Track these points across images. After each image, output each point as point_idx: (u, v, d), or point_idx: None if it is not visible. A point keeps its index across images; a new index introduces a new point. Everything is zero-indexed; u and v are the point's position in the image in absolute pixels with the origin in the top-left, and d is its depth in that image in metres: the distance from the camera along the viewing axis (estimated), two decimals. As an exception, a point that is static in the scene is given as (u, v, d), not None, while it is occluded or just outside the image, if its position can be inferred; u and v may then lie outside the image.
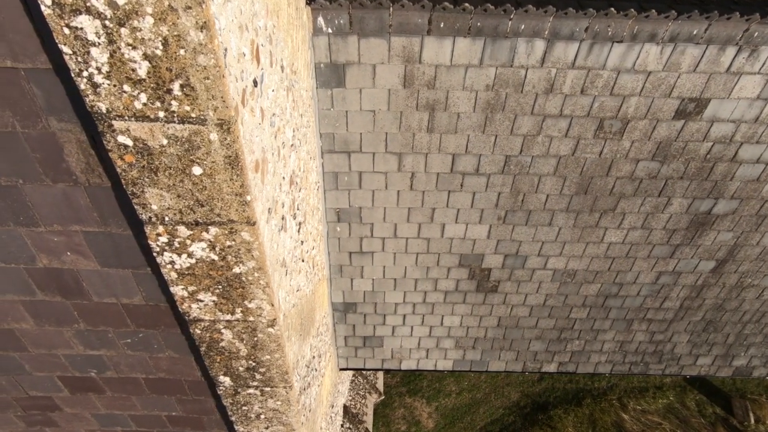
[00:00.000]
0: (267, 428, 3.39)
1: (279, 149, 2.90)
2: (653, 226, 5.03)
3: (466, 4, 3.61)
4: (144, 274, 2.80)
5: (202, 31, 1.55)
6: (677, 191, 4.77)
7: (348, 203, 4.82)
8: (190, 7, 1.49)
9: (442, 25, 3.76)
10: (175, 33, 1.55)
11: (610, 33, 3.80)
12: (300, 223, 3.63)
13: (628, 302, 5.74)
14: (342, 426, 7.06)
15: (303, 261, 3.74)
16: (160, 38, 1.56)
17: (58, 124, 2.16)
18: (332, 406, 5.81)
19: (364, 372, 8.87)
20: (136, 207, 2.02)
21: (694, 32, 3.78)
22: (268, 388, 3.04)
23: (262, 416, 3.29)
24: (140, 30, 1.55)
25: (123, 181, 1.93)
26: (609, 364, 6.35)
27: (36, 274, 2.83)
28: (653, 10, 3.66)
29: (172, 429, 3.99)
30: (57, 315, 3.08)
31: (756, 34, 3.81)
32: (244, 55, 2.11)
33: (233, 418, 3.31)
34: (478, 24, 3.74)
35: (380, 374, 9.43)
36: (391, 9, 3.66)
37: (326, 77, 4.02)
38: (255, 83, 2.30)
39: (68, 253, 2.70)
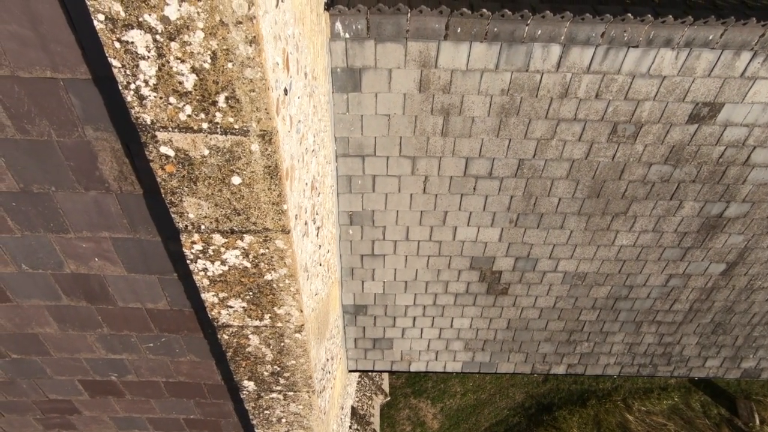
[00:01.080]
0: (287, 431, 3.43)
1: (303, 155, 2.94)
2: (664, 229, 5.08)
3: (484, 10, 3.65)
4: (170, 280, 2.84)
5: (251, 45, 1.58)
6: (689, 195, 4.82)
7: (361, 206, 4.86)
8: (240, 22, 1.53)
9: (459, 30, 3.80)
10: (225, 47, 1.59)
11: (626, 38, 3.85)
12: (318, 228, 3.67)
13: (637, 304, 5.79)
14: (350, 428, 7.11)
15: (320, 265, 3.78)
16: (209, 52, 1.60)
17: (93, 133, 2.19)
18: (342, 408, 5.85)
19: (369, 373, 8.91)
20: (173, 215, 2.06)
21: (710, 37, 3.83)
22: (291, 393, 3.08)
23: (284, 420, 3.33)
24: (190, 44, 1.58)
25: (162, 191, 1.97)
26: (618, 366, 6.40)
27: (63, 279, 2.87)
28: (670, 16, 3.71)
29: (189, 431, 4.03)
30: (81, 320, 3.11)
31: (771, 39, 3.86)
32: (278, 64, 2.15)
33: (254, 422, 3.35)
34: (495, 29, 3.78)
35: (385, 375, 9.47)
36: (408, 14, 3.70)
37: (342, 81, 4.06)
38: (285, 92, 2.34)
39: (96, 259, 2.73)
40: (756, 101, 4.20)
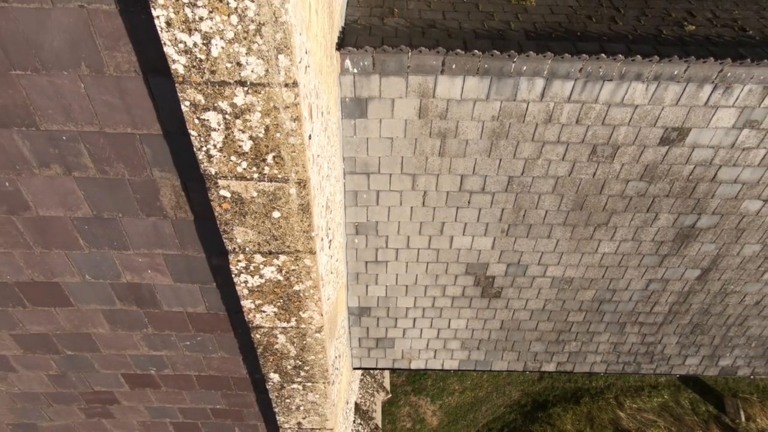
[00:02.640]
0: (304, 418, 4.09)
1: (320, 182, 3.59)
2: (642, 238, 5.73)
3: (476, 51, 4.30)
4: (210, 289, 3.50)
5: (294, 122, 2.24)
6: (664, 208, 5.46)
7: (366, 218, 5.50)
8: (288, 107, 2.18)
9: (453, 66, 4.44)
10: (275, 123, 2.24)
11: (601, 73, 4.49)
12: (330, 240, 4.32)
13: (621, 307, 6.44)
14: (354, 422, 7.77)
15: (331, 273, 4.43)
16: (263, 126, 2.25)
17: (159, 173, 2.85)
18: (347, 403, 6.51)
19: (372, 372, 9.59)
20: (225, 240, 2.71)
21: (675, 72, 4.48)
22: (309, 384, 3.73)
23: (302, 408, 3.99)
24: (250, 121, 2.24)
25: (218, 222, 2.62)
26: (604, 364, 7.06)
27: (118, 288, 3.52)
28: (638, 56, 4.36)
29: (214, 420, 4.69)
30: (130, 321, 3.77)
31: (729, 74, 4.50)
32: (306, 117, 2.81)
33: (277, 410, 4.01)
34: (486, 66, 4.42)
35: (387, 374, 10.14)
36: (410, 53, 4.34)
37: (350, 109, 4.71)
38: (309, 137, 3.00)
39: (149, 271, 3.39)
40: (719, 126, 4.84)
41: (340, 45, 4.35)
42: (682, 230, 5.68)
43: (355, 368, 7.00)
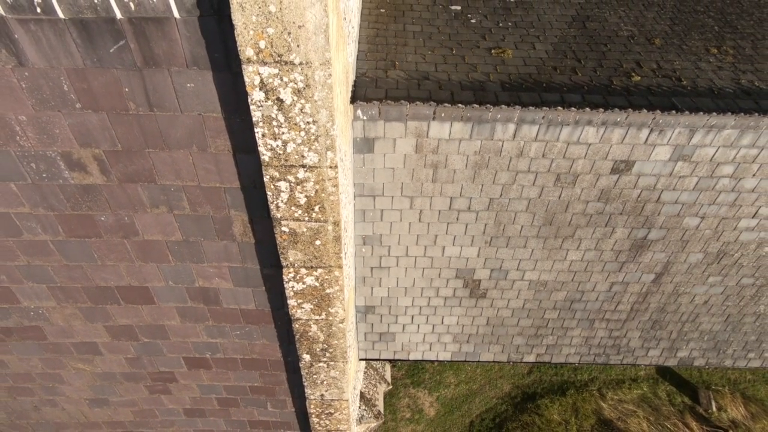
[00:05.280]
0: (326, 390, 5.65)
1: (341, 211, 5.13)
2: (603, 248, 7.29)
3: (459, 104, 5.84)
4: (260, 291, 5.07)
5: (334, 187, 3.79)
6: (619, 223, 7.02)
7: (372, 231, 7.05)
8: (330, 179, 3.74)
9: (443, 115, 5.98)
10: (322, 188, 3.80)
11: (560, 120, 6.03)
12: (345, 253, 5.87)
13: (589, 306, 8.01)
14: (360, 407, 9.35)
15: (347, 278, 5.98)
16: (314, 189, 3.81)
17: (234, 212, 4.41)
18: (354, 389, 8.08)
19: (374, 365, 11.18)
20: (281, 258, 4.28)
21: (618, 119, 6.03)
22: (332, 362, 5.30)
23: (325, 382, 5.55)
24: (306, 187, 3.79)
25: (278, 247, 4.19)
26: (577, 355, 8.64)
27: (192, 291, 5.09)
28: (587, 108, 5.90)
29: (251, 396, 6.26)
30: (196, 316, 5.34)
31: (661, 120, 6.05)
32: (334, 170, 4.35)
33: (306, 383, 5.58)
34: (468, 114, 5.96)
35: (388, 367, 11.73)
36: (408, 105, 5.88)
37: (360, 146, 6.24)
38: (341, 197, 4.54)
39: (216, 279, 4.96)
40: (658, 159, 6.39)
41: (353, 99, 5.89)
42: (636, 241, 7.24)
43: (361, 359, 8.56)
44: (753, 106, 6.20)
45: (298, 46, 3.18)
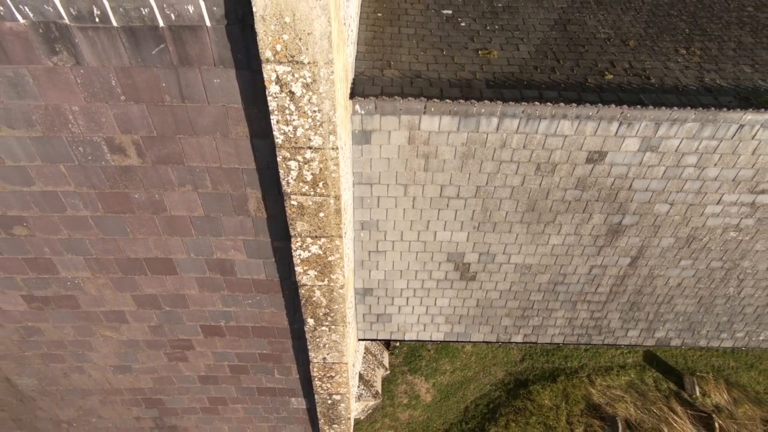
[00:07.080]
0: (328, 354, 6.53)
1: (344, 192, 6.01)
2: (582, 233, 8.17)
3: (447, 100, 6.73)
4: (270, 262, 5.96)
5: (335, 166, 4.68)
6: (596, 209, 7.90)
7: (369, 217, 7.93)
8: (332, 158, 4.63)
9: (432, 109, 6.87)
10: (326, 166, 4.69)
11: (537, 114, 6.92)
12: (345, 233, 6.74)
13: (571, 288, 8.89)
14: (359, 387, 10.22)
15: (347, 257, 6.85)
16: (319, 168, 4.70)
17: (249, 190, 5.31)
18: (353, 366, 8.94)
19: (373, 351, 12.06)
20: (290, 229, 5.16)
21: (590, 114, 6.91)
22: (333, 326, 6.18)
23: (327, 345, 6.42)
24: (312, 166, 4.68)
25: (288, 219, 5.07)
26: (561, 336, 9.51)
27: (210, 262, 5.98)
28: (561, 103, 6.78)
29: (260, 363, 7.14)
30: (213, 285, 6.23)
31: (629, 114, 6.93)
32: (341, 162, 5.24)
33: (310, 347, 6.45)
34: (455, 109, 6.85)
35: (386, 354, 12.60)
36: (401, 101, 6.77)
37: (359, 138, 7.13)
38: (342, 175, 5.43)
39: (232, 251, 5.84)
40: (628, 150, 7.27)
41: (352, 95, 6.77)
42: (611, 227, 8.12)
43: (359, 339, 9.43)
44: (713, 101, 7.09)
45: (307, 49, 4.07)
